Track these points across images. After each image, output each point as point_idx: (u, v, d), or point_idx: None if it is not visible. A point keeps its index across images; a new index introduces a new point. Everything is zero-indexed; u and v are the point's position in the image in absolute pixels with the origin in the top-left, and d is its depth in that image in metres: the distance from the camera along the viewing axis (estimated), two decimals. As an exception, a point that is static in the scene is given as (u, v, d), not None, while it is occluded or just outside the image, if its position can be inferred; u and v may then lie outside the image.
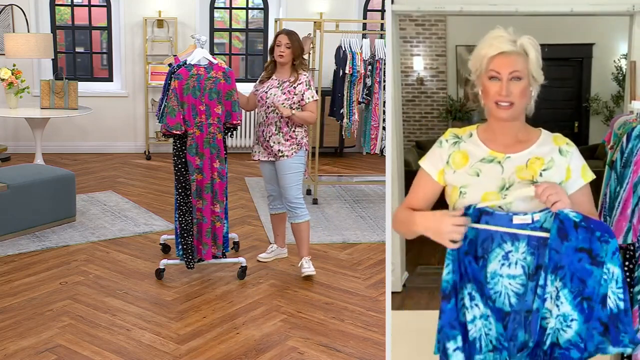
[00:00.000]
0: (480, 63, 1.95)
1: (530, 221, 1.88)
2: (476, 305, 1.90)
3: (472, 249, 1.92)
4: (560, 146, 1.98)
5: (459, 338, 1.90)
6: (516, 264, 1.91)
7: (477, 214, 1.91)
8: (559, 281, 1.86)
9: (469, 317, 1.90)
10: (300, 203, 4.47)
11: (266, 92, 4.39)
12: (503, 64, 1.91)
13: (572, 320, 1.86)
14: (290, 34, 4.38)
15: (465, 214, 1.91)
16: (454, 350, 1.90)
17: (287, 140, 4.41)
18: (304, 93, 4.38)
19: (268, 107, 4.37)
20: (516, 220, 1.89)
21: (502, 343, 1.90)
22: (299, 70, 4.42)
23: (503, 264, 1.91)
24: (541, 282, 1.87)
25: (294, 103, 4.37)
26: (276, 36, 4.43)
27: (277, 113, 4.35)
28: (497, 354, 1.90)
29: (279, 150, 4.40)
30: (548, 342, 1.88)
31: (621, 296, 1.84)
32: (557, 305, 1.86)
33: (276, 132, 4.39)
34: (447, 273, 1.92)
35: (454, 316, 1.90)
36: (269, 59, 4.53)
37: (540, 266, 1.89)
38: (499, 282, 1.92)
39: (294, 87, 4.38)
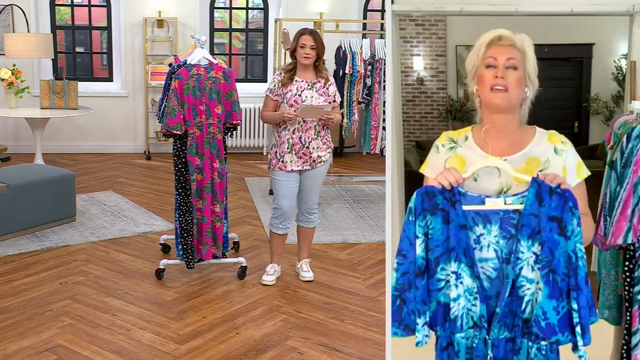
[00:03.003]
0: (478, 52, 1.97)
1: (502, 204, 1.85)
2: (462, 283, 1.85)
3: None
4: (555, 145, 1.98)
5: (428, 314, 1.88)
6: (488, 246, 1.87)
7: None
8: (538, 245, 1.82)
9: (452, 294, 1.86)
10: (317, 209, 4.43)
11: (300, 96, 4.17)
12: (500, 51, 1.94)
13: (539, 289, 1.83)
14: (314, 34, 4.17)
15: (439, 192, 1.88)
16: (422, 325, 1.87)
17: (324, 143, 4.26)
18: (335, 94, 4.29)
19: None
20: (488, 203, 1.86)
21: (483, 323, 1.87)
22: (322, 70, 4.25)
23: (475, 248, 1.87)
24: (518, 247, 1.83)
25: (329, 104, 4.23)
26: (298, 37, 4.18)
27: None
28: (477, 330, 1.88)
29: (318, 156, 4.22)
30: (527, 310, 1.84)
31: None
32: (539, 269, 1.83)
33: (315, 136, 4.20)
34: (423, 249, 1.87)
35: (426, 292, 1.87)
36: (288, 61, 4.28)
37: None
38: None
39: (327, 89, 4.25)
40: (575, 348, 1.84)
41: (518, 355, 1.88)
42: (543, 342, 1.85)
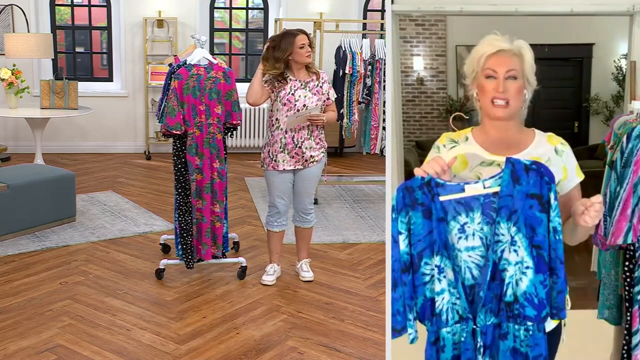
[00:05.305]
0: (477, 62, 1.99)
1: (482, 189, 1.86)
2: (444, 277, 1.87)
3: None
4: (556, 146, 2.02)
5: (415, 309, 1.91)
6: (473, 235, 1.87)
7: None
8: (514, 226, 1.83)
9: (437, 288, 1.88)
10: (312, 209, 4.40)
11: (293, 95, 4.13)
12: (499, 63, 1.95)
13: (527, 267, 1.84)
14: (305, 32, 4.15)
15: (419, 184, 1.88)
16: (413, 321, 1.91)
17: (317, 143, 4.23)
18: (328, 92, 4.25)
19: (298, 110, 4.11)
20: (468, 189, 1.86)
21: (468, 315, 1.89)
22: (312, 66, 4.22)
23: (460, 237, 1.88)
24: (497, 230, 1.84)
25: (322, 103, 4.23)
26: (294, 39, 4.05)
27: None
28: (464, 324, 1.89)
29: (310, 156, 4.20)
30: (509, 293, 1.86)
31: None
32: (515, 251, 1.84)
33: (308, 136, 4.18)
34: (407, 245, 1.88)
35: (412, 288, 1.89)
36: (277, 65, 4.08)
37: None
38: (458, 257, 1.89)
39: (321, 87, 4.21)
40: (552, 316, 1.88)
41: (505, 340, 1.89)
42: (529, 323, 1.86)
